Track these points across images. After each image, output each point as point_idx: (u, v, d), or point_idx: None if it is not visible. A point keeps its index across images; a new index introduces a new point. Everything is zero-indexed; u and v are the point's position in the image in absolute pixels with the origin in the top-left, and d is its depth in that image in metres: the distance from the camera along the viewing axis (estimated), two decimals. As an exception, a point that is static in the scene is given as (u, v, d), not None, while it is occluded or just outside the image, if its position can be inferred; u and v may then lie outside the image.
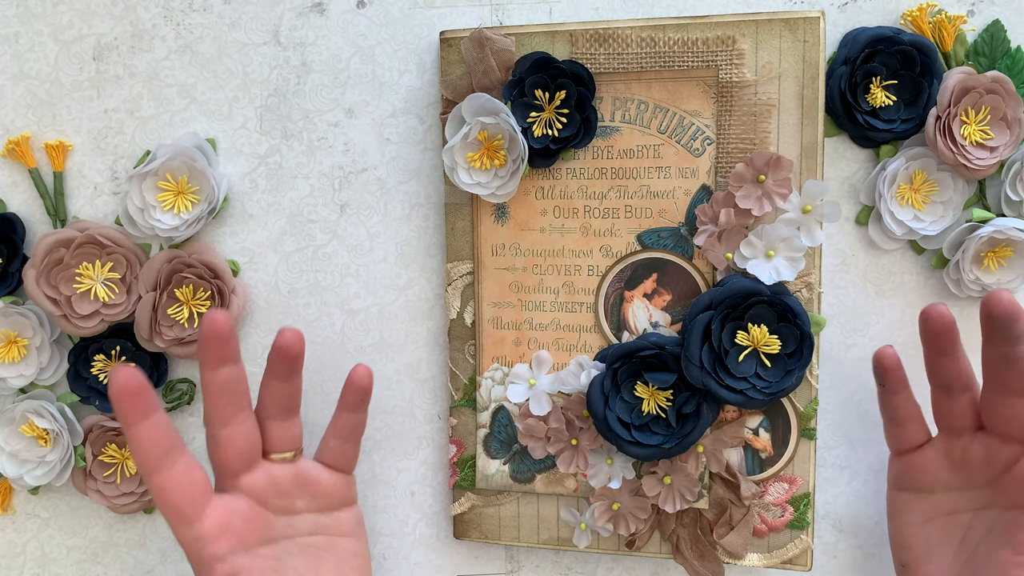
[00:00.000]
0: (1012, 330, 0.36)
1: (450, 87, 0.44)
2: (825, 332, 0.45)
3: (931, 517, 0.40)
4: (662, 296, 0.43)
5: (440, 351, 0.48)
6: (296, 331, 0.40)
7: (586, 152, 0.43)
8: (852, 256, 0.45)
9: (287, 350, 0.40)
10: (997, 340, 0.36)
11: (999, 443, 0.38)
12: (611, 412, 0.42)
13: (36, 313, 0.47)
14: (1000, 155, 0.42)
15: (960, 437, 0.39)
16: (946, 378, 0.39)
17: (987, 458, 0.39)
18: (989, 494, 0.39)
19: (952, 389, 0.39)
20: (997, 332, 0.36)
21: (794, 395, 0.43)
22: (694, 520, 0.44)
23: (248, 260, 0.48)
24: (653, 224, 0.43)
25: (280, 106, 0.47)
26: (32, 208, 0.48)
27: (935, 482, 0.40)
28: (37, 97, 0.48)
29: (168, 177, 0.45)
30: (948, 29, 0.42)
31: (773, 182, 0.41)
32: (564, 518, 0.45)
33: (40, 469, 0.48)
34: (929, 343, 0.39)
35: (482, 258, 0.45)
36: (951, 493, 0.40)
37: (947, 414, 0.40)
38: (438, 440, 0.48)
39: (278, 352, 0.40)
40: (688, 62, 0.42)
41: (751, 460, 0.43)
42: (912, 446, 0.41)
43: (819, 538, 0.47)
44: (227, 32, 0.47)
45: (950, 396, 0.39)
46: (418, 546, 0.49)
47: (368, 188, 0.47)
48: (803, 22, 0.40)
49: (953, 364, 0.38)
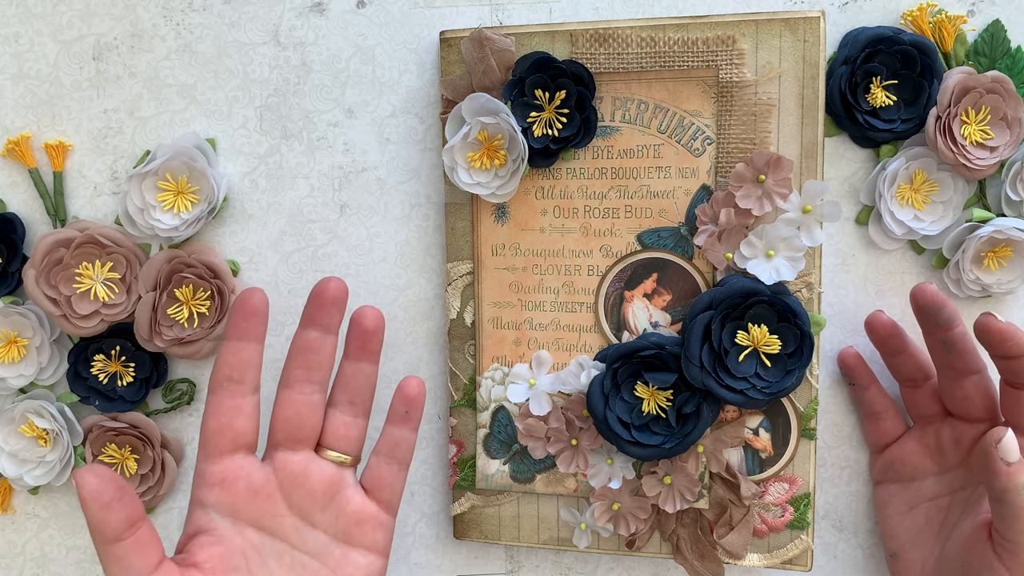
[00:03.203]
0: (942, 316, 0.39)
1: (450, 87, 0.44)
2: (825, 332, 0.45)
3: (914, 504, 0.42)
4: (662, 296, 0.43)
5: (440, 351, 0.48)
6: (376, 310, 0.38)
7: (586, 152, 0.43)
8: (852, 256, 0.45)
9: (360, 324, 0.38)
10: (932, 328, 0.39)
11: (965, 425, 0.41)
12: (611, 412, 0.42)
13: (36, 313, 0.47)
14: (1000, 155, 0.42)
15: (931, 424, 0.42)
16: (908, 372, 0.42)
17: (956, 440, 0.41)
18: (962, 475, 0.41)
19: (916, 380, 0.42)
20: (930, 320, 0.39)
21: (794, 395, 0.43)
22: (694, 520, 0.44)
23: (248, 260, 0.48)
24: (653, 224, 0.43)
25: (280, 106, 0.47)
26: (32, 208, 0.48)
27: (916, 470, 0.42)
28: (37, 97, 0.48)
29: (168, 177, 0.45)
30: (948, 29, 0.42)
31: (773, 182, 0.41)
32: (564, 518, 0.45)
33: (40, 469, 0.48)
34: (881, 347, 0.43)
35: (482, 258, 0.45)
36: (930, 479, 0.42)
37: (916, 404, 0.43)
38: (438, 440, 0.48)
39: (352, 327, 0.38)
40: (688, 62, 0.42)
41: (751, 460, 0.43)
42: (890, 439, 0.44)
43: (819, 538, 0.47)
44: (227, 32, 0.47)
45: (916, 387, 0.42)
46: (418, 546, 0.49)
47: (368, 188, 0.47)
48: (803, 22, 0.40)
49: (910, 359, 0.42)
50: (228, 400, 0.37)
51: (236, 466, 0.37)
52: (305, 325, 0.38)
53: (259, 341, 0.38)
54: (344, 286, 0.38)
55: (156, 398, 0.49)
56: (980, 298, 0.44)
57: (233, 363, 0.37)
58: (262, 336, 0.38)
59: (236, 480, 0.37)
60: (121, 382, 0.47)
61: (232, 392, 0.38)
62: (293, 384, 0.38)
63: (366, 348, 0.39)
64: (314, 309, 0.38)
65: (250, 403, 0.38)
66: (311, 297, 0.38)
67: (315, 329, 0.38)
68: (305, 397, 0.38)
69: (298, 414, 0.38)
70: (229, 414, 0.37)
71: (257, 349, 0.38)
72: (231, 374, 0.37)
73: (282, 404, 0.38)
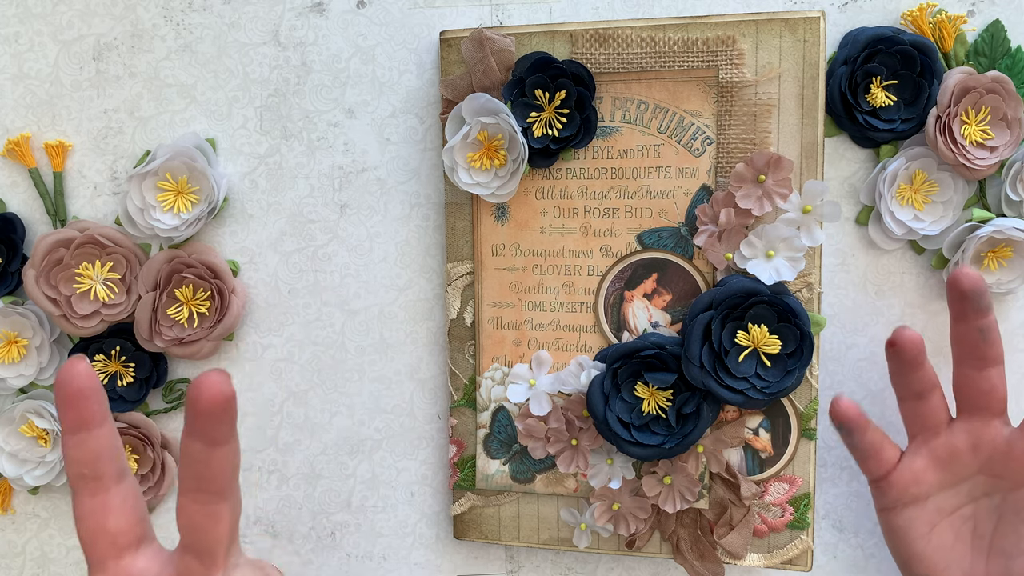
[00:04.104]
0: (983, 302, 0.37)
1: (450, 87, 0.44)
2: (825, 332, 0.45)
3: (935, 522, 0.40)
4: (662, 296, 0.43)
5: (440, 351, 0.48)
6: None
7: (586, 152, 0.43)
8: (852, 256, 0.45)
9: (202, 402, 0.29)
10: (971, 315, 0.38)
11: (980, 424, 0.39)
12: (611, 412, 0.42)
13: (36, 313, 0.47)
14: (1000, 155, 0.42)
15: (939, 434, 0.40)
16: (921, 386, 0.39)
17: (974, 445, 0.39)
18: (983, 481, 0.40)
19: (924, 392, 0.40)
20: (971, 307, 0.38)
21: (794, 395, 0.43)
22: (694, 520, 0.44)
23: (248, 260, 0.48)
24: (653, 224, 0.43)
25: (280, 106, 0.47)
26: (32, 208, 0.48)
27: (929, 487, 0.40)
28: (37, 97, 0.48)
29: (168, 177, 0.45)
30: (948, 29, 0.42)
31: (773, 182, 0.41)
32: (564, 518, 0.45)
33: (40, 469, 0.48)
34: (907, 365, 0.39)
35: (482, 258, 0.45)
36: (945, 492, 0.40)
37: (923, 416, 0.40)
38: (438, 440, 0.48)
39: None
40: (688, 62, 0.42)
41: (751, 460, 0.43)
42: (891, 465, 0.40)
43: (819, 538, 0.47)
44: (227, 32, 0.47)
45: (923, 399, 0.40)
46: (418, 546, 0.49)
47: (368, 188, 0.47)
48: (803, 22, 0.40)
49: (927, 372, 0.40)
50: (89, 500, 0.32)
51: (127, 574, 0.32)
52: (187, 434, 0.31)
53: (102, 424, 0.31)
54: (226, 387, 0.30)
55: (156, 398, 0.49)
56: (980, 298, 0.44)
57: (80, 459, 0.31)
58: (105, 415, 0.31)
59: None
60: (121, 382, 0.47)
61: (92, 490, 0.32)
62: (186, 493, 0.32)
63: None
64: (190, 419, 0.30)
65: (117, 495, 0.32)
66: (187, 402, 0.30)
67: (196, 441, 0.31)
68: (201, 507, 0.32)
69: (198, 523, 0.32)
70: (96, 516, 0.32)
71: (104, 433, 0.31)
72: (82, 471, 0.32)
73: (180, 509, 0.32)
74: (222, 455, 0.31)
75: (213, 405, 0.29)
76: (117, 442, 0.32)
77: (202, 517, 0.32)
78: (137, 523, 0.33)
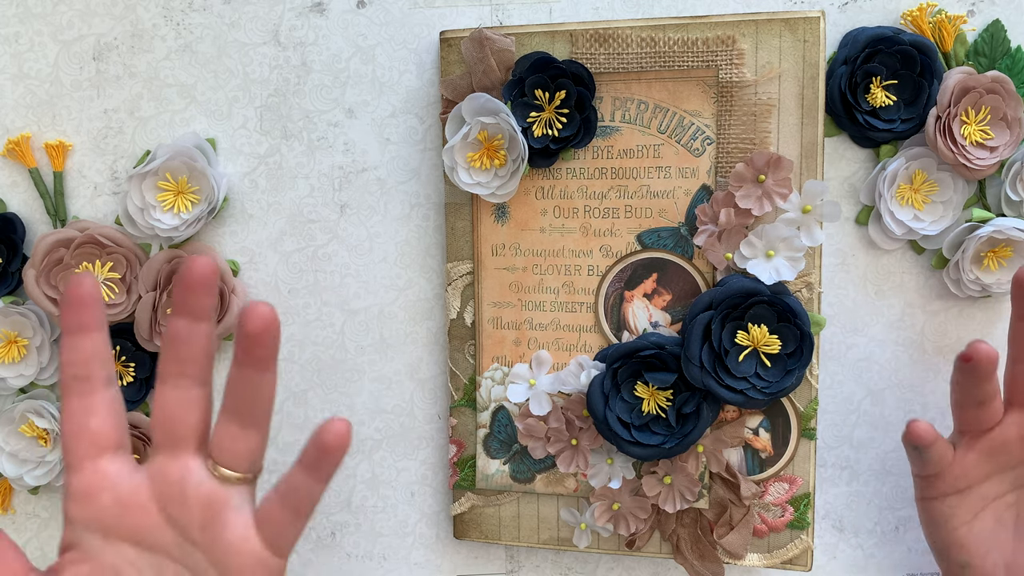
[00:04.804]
0: None
1: (450, 87, 0.44)
2: (825, 332, 0.45)
3: (978, 510, 0.40)
4: (662, 296, 0.43)
5: (440, 351, 0.48)
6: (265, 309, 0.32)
7: (586, 152, 0.43)
8: (852, 256, 0.45)
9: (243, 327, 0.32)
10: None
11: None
12: (611, 412, 0.42)
13: (36, 313, 0.47)
14: (1000, 155, 0.42)
15: (989, 431, 0.39)
16: (984, 396, 0.39)
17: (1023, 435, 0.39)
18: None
19: (987, 401, 0.39)
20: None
21: (794, 395, 0.43)
22: (694, 520, 0.44)
23: (248, 260, 0.48)
24: (653, 224, 0.43)
25: (280, 106, 0.47)
26: (32, 208, 0.48)
27: (975, 478, 0.40)
28: (37, 97, 0.48)
29: (168, 177, 0.45)
30: (948, 29, 0.42)
31: (773, 182, 0.41)
32: (564, 518, 0.45)
33: (40, 469, 0.48)
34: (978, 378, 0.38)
35: (482, 258, 0.45)
36: (990, 480, 0.40)
37: (982, 420, 0.39)
38: (438, 440, 0.48)
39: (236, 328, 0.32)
40: (688, 62, 0.42)
41: (751, 460, 0.43)
42: (947, 465, 0.40)
43: (819, 538, 0.47)
44: (227, 32, 0.47)
45: (984, 406, 0.39)
46: (418, 546, 0.49)
47: (368, 188, 0.47)
48: (803, 22, 0.40)
49: (992, 383, 0.39)
50: (77, 401, 0.33)
51: (100, 475, 0.33)
52: (173, 313, 0.33)
53: (98, 330, 0.33)
54: (211, 265, 0.32)
55: (156, 398, 0.49)
56: (980, 298, 0.44)
57: (75, 360, 0.33)
58: (102, 323, 0.33)
59: (100, 492, 0.33)
60: (121, 382, 0.47)
61: (81, 391, 0.33)
62: (166, 379, 0.33)
63: (251, 354, 0.32)
64: (178, 295, 0.33)
65: (103, 399, 0.33)
66: (175, 281, 0.33)
67: (182, 317, 0.33)
68: (180, 392, 0.33)
69: (173, 412, 0.33)
70: (80, 415, 0.33)
71: (99, 338, 0.33)
72: (75, 372, 0.33)
73: (156, 401, 0.34)
74: None
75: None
76: (109, 352, 0.34)
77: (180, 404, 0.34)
78: (116, 428, 0.34)
